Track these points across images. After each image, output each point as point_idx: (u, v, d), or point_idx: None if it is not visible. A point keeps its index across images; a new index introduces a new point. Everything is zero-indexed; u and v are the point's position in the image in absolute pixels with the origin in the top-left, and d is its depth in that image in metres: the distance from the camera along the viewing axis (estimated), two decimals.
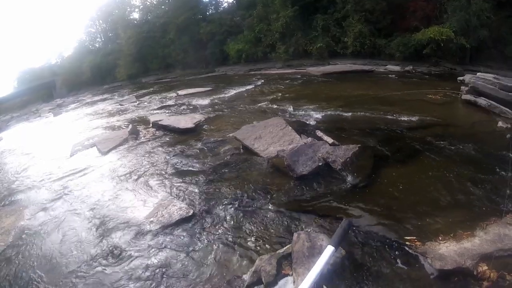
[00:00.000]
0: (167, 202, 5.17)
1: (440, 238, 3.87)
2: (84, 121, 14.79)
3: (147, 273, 3.85)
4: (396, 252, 3.78)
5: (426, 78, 15.54)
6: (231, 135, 7.46)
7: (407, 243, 3.87)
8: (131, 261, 4.09)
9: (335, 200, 4.78)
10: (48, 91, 45.02)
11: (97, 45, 48.26)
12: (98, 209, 5.42)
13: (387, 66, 19.19)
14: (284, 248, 3.84)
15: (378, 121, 8.03)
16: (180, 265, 3.93)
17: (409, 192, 4.84)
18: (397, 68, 18.57)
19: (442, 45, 17.05)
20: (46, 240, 4.85)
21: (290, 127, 7.03)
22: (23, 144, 12.20)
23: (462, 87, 9.62)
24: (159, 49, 35.81)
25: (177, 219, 4.70)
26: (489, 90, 8.69)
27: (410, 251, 3.76)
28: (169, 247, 4.25)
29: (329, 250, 1.18)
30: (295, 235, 3.86)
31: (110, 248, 4.37)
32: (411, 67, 18.30)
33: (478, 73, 9.95)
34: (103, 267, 4.07)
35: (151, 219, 4.83)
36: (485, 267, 3.45)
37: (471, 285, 3.39)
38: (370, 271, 3.57)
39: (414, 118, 7.97)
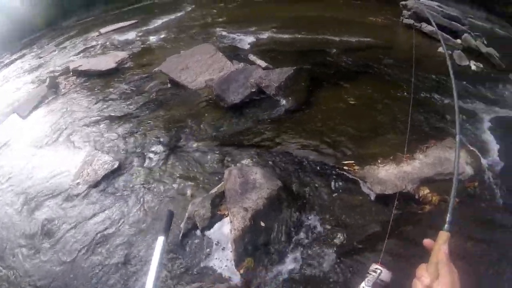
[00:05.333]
0: (92, 157, 4.73)
1: (379, 162, 3.75)
2: (1, 86, 13.16)
3: (82, 240, 3.56)
4: (335, 179, 3.63)
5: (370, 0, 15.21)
6: (156, 69, 6.73)
7: (345, 168, 3.72)
8: (65, 232, 3.73)
9: (269, 128, 4.51)
10: None
11: None
12: (24, 182, 4.84)
13: None
14: (217, 187, 3.59)
15: (317, 42, 7.64)
16: (113, 224, 3.66)
17: (346, 115, 4.65)
18: None
19: None
20: None
21: (221, 53, 6.46)
22: None
23: (404, 12, 9.41)
24: None
25: (103, 175, 4.36)
26: (431, 17, 8.53)
27: (349, 176, 3.62)
28: (99, 207, 3.94)
29: (160, 240, 1.23)
30: (226, 172, 3.61)
31: (43, 224, 3.94)
32: None
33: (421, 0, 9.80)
34: (39, 246, 3.68)
35: (78, 180, 4.42)
36: (427, 191, 3.44)
37: (414, 209, 3.35)
38: (308, 201, 3.43)
39: (353, 40, 7.70)
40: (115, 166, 4.40)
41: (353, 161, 3.80)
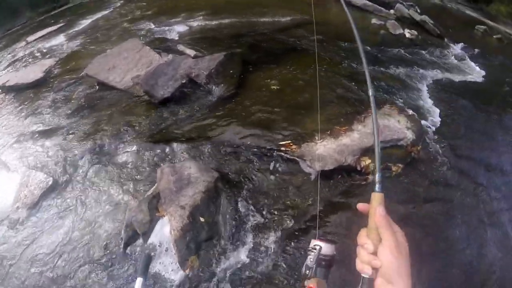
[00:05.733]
0: (26, 178, 4.44)
1: (317, 138, 3.71)
2: None
3: (29, 272, 3.32)
4: (273, 161, 3.56)
5: None
6: (83, 73, 6.32)
7: (282, 149, 3.65)
8: (12, 264, 3.47)
9: (202, 119, 4.37)
10: None
11: None
12: None
13: None
14: (152, 188, 3.42)
15: (247, 25, 7.51)
16: (57, 242, 3.46)
17: (280, 95, 4.59)
18: None
19: None
20: None
21: (148, 47, 6.15)
22: None
23: None
24: None
25: (39, 194, 4.11)
26: None
27: (288, 156, 3.56)
28: (41, 230, 3.71)
29: (139, 282, 1.22)
30: (158, 171, 3.47)
31: None
32: None
33: None
34: None
35: (17, 205, 4.16)
36: (368, 161, 3.42)
37: (357, 180, 3.35)
38: (248, 187, 3.38)
39: (284, 19, 7.63)
40: (50, 183, 4.16)
41: (290, 141, 3.73)
